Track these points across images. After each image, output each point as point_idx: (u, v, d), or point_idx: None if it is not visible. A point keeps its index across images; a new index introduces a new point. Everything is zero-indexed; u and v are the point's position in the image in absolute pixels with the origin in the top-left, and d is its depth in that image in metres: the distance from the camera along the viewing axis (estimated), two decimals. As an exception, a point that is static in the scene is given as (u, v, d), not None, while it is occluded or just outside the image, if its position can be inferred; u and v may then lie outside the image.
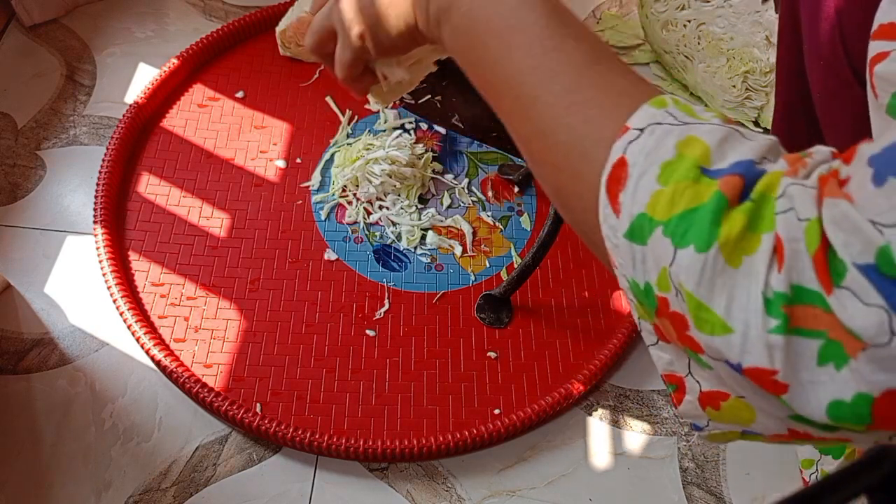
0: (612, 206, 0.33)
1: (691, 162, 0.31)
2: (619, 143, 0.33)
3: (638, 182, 0.32)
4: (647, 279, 0.32)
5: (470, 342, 0.89)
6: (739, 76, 1.06)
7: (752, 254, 0.29)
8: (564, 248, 0.96)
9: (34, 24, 1.13)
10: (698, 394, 0.33)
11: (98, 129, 1.04)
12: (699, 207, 0.30)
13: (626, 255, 0.33)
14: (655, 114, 0.33)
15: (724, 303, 0.29)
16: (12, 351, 0.86)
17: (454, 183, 1.01)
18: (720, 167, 0.30)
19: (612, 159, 0.33)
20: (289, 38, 1.09)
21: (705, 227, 0.29)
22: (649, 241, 0.31)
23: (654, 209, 0.31)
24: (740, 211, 0.29)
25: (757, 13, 1.05)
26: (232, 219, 0.97)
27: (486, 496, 0.80)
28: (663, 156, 0.31)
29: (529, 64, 0.37)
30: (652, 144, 0.32)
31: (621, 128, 0.33)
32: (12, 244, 0.94)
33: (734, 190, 0.30)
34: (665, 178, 0.31)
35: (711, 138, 0.31)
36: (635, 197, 0.32)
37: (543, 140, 0.37)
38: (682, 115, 0.33)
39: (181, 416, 0.83)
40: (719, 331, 0.29)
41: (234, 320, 0.89)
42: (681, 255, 0.30)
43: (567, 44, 0.37)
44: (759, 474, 0.83)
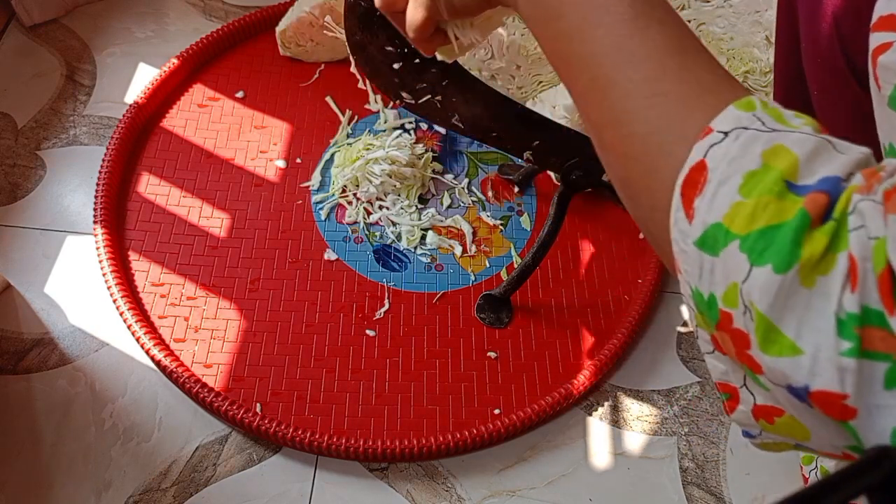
0: (685, 210, 0.31)
1: (777, 174, 0.29)
2: (701, 144, 0.31)
3: (717, 189, 0.30)
4: (712, 290, 0.30)
5: (470, 342, 0.89)
6: (739, 76, 1.06)
7: (827, 274, 0.27)
8: (564, 248, 0.97)
9: (34, 24, 1.13)
10: (752, 405, 0.32)
11: (98, 129, 1.04)
12: (782, 225, 0.28)
13: (693, 263, 0.31)
14: (742, 117, 0.31)
15: (794, 324, 0.28)
16: (12, 351, 0.86)
17: (454, 183, 1.01)
18: (807, 183, 0.29)
19: (691, 161, 0.31)
20: (289, 38, 1.09)
21: (786, 247, 0.28)
22: (722, 253, 0.29)
23: (733, 221, 0.29)
24: (823, 232, 0.28)
25: (757, 13, 1.05)
26: (232, 219, 0.97)
27: (486, 496, 0.80)
28: (748, 165, 0.30)
29: (611, 45, 0.35)
30: (736, 151, 0.30)
31: (704, 128, 0.32)
32: (12, 244, 0.94)
33: (819, 208, 0.28)
34: (748, 189, 0.29)
35: (801, 150, 0.30)
36: (712, 205, 0.30)
37: (618, 128, 0.35)
38: (771, 121, 0.31)
39: (181, 416, 0.83)
40: (787, 352, 0.28)
41: (234, 320, 0.89)
42: (756, 274, 0.28)
43: (653, 28, 0.35)
44: (759, 474, 0.83)
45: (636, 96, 0.34)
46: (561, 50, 0.38)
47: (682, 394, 0.88)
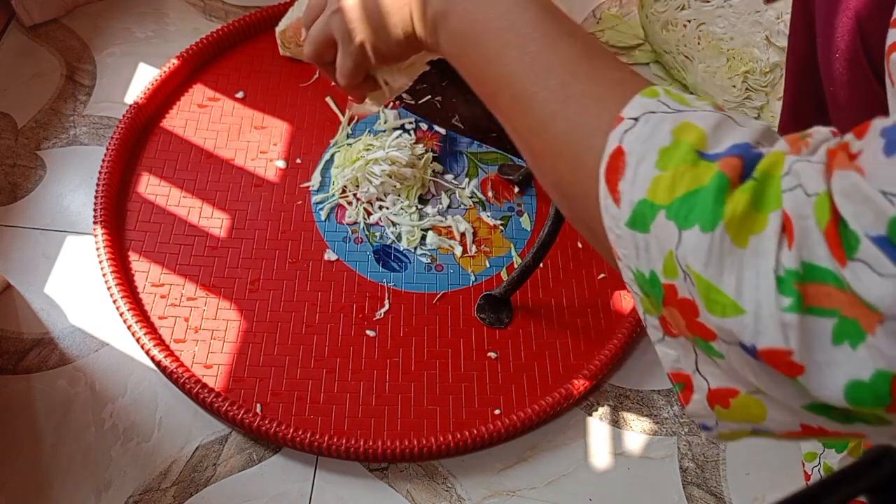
0: (612, 195, 0.33)
1: (688, 146, 0.31)
2: (615, 132, 0.33)
3: (637, 169, 0.32)
4: (651, 267, 0.32)
5: (470, 342, 0.89)
6: (739, 76, 1.06)
7: (759, 233, 0.28)
8: (564, 248, 0.97)
9: (34, 24, 1.13)
10: (706, 392, 0.33)
11: (98, 129, 1.04)
12: (701, 188, 0.30)
13: (629, 245, 0.32)
14: (649, 103, 0.34)
15: (734, 283, 0.29)
16: (12, 351, 0.86)
17: (454, 183, 1.01)
18: (717, 151, 0.31)
19: (609, 149, 0.33)
20: (289, 38, 1.09)
21: (709, 207, 0.29)
22: (652, 226, 0.31)
23: (655, 194, 0.31)
24: (743, 190, 0.29)
25: (757, 13, 1.05)
26: (232, 219, 0.97)
27: (486, 496, 0.80)
28: (660, 142, 0.32)
29: (525, 61, 0.38)
30: (647, 132, 0.32)
31: (616, 118, 0.34)
32: (12, 244, 0.94)
33: (734, 170, 0.30)
34: (664, 162, 0.31)
35: (706, 123, 0.32)
36: (635, 184, 0.32)
37: (541, 133, 0.37)
38: (675, 104, 0.33)
39: (181, 416, 0.83)
40: (731, 312, 0.29)
41: (234, 321, 0.89)
42: (686, 237, 0.30)
43: (562, 40, 0.38)
44: (759, 474, 0.83)
45: (553, 101, 0.37)
46: (482, 75, 0.41)
47: (682, 394, 0.88)
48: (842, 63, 0.54)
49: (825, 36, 0.56)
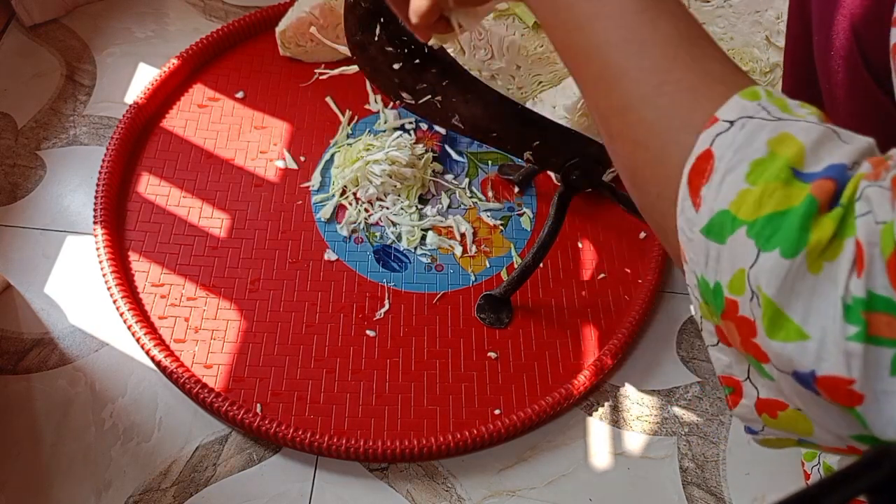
0: (692, 198, 0.31)
1: (784, 162, 0.29)
2: (707, 133, 0.31)
3: (724, 177, 0.30)
4: (718, 279, 0.31)
5: (470, 342, 0.89)
6: (739, 76, 1.06)
7: (833, 260, 0.28)
8: (564, 248, 0.97)
9: (34, 24, 1.13)
10: (755, 399, 0.32)
11: (98, 129, 1.04)
12: (789, 211, 0.28)
13: (699, 251, 0.31)
14: (747, 106, 0.31)
15: (801, 309, 0.28)
16: (12, 351, 0.86)
17: (454, 183, 1.01)
18: (813, 170, 0.29)
19: (698, 150, 0.31)
20: (289, 39, 1.09)
21: (794, 233, 0.28)
22: (729, 239, 0.30)
23: (740, 208, 0.29)
24: (830, 217, 0.28)
25: (757, 13, 1.05)
26: (232, 219, 0.97)
27: (486, 496, 0.80)
28: (754, 153, 0.30)
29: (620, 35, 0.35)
30: (742, 139, 0.30)
31: (710, 117, 0.32)
32: (12, 244, 0.94)
33: (826, 195, 0.28)
34: (754, 176, 0.29)
35: (807, 138, 0.30)
36: (719, 192, 0.30)
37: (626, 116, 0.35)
38: (776, 110, 0.31)
39: (181, 416, 0.83)
40: (794, 337, 0.28)
41: (234, 321, 0.89)
42: (764, 259, 0.28)
43: (662, 19, 0.35)
44: (759, 474, 0.83)
45: (645, 84, 0.34)
46: (569, 40, 0.38)
47: (682, 394, 0.88)
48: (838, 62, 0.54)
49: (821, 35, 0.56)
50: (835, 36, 0.53)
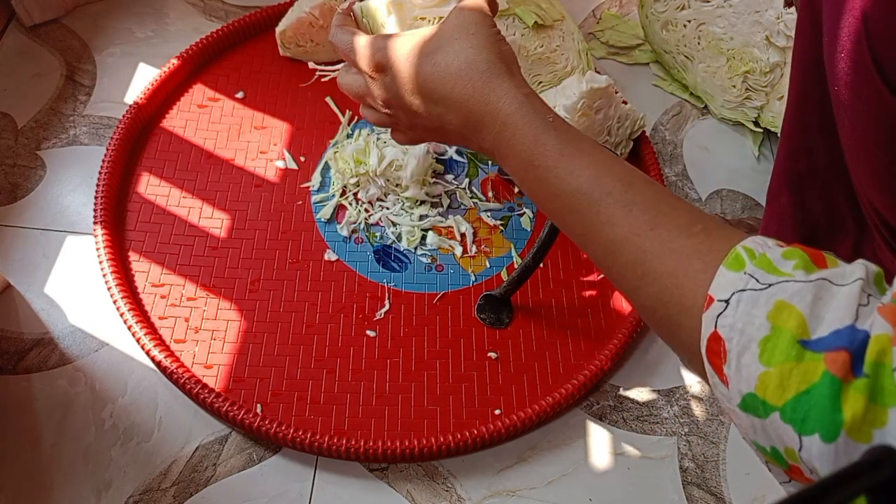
0: (719, 377, 0.32)
1: (789, 337, 0.29)
2: (707, 316, 0.32)
3: (739, 360, 0.31)
4: (772, 445, 0.31)
5: (470, 342, 0.89)
6: (739, 76, 1.06)
7: (882, 428, 0.28)
8: (564, 248, 0.97)
9: (34, 24, 1.13)
10: None
11: (98, 129, 1.04)
12: (812, 391, 0.29)
13: (744, 422, 0.32)
14: (736, 279, 0.32)
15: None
16: (12, 351, 0.86)
17: (454, 183, 1.01)
18: (819, 336, 0.29)
19: (706, 334, 0.32)
20: (289, 39, 1.09)
21: (827, 416, 0.28)
22: (768, 421, 0.30)
23: (765, 392, 0.30)
24: (858, 390, 0.28)
25: (757, 13, 1.05)
26: (232, 219, 0.97)
27: (486, 496, 0.80)
28: (758, 332, 0.30)
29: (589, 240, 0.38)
30: (742, 318, 0.31)
31: (705, 297, 0.32)
32: (12, 244, 0.94)
33: (843, 367, 0.28)
34: (767, 357, 0.30)
35: (802, 302, 0.30)
36: (740, 375, 0.31)
37: (630, 297, 0.37)
38: (764, 275, 0.31)
39: (181, 416, 0.83)
40: None
41: (235, 321, 0.89)
42: (808, 443, 0.29)
43: (616, 215, 0.37)
44: (759, 474, 0.83)
45: (629, 277, 0.36)
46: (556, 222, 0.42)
47: (682, 394, 0.88)
48: (846, 63, 0.54)
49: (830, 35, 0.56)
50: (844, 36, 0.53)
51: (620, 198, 0.37)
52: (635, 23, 1.20)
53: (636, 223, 0.36)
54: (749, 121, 1.09)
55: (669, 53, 1.13)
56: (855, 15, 0.52)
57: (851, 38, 0.53)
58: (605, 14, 1.23)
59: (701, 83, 1.10)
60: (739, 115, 1.09)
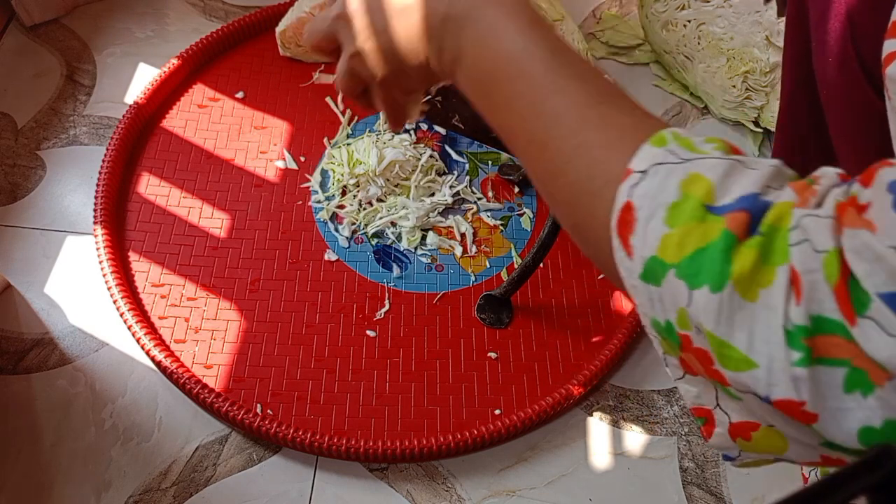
0: (624, 248, 0.33)
1: (696, 201, 0.31)
2: (624, 186, 0.33)
3: (646, 226, 0.32)
4: (666, 317, 0.32)
5: (470, 342, 0.89)
6: (739, 76, 1.06)
7: (767, 286, 0.29)
8: (564, 248, 0.97)
9: (34, 24, 1.13)
10: (728, 426, 0.33)
11: (98, 129, 1.04)
12: (708, 247, 0.30)
13: (643, 296, 0.33)
14: (656, 153, 0.33)
15: (745, 338, 0.29)
16: (12, 351, 0.86)
17: (454, 183, 1.01)
18: (725, 202, 0.30)
19: (619, 204, 0.33)
20: (289, 39, 1.09)
21: (716, 267, 0.29)
22: (663, 283, 0.31)
23: (665, 252, 0.31)
24: (750, 246, 0.29)
25: (757, 13, 1.05)
26: (232, 219, 0.97)
27: (486, 496, 0.80)
28: (668, 197, 0.32)
29: (534, 110, 0.38)
30: (655, 186, 0.32)
31: (625, 170, 0.33)
32: (12, 244, 0.94)
33: (741, 226, 0.30)
34: (672, 220, 0.31)
35: (714, 174, 0.31)
36: (645, 241, 0.32)
37: (556, 180, 0.37)
38: (683, 152, 0.33)
39: (181, 416, 0.83)
40: (743, 366, 0.29)
41: (235, 321, 0.89)
42: (696, 297, 0.30)
43: (569, 85, 0.38)
44: (759, 474, 0.83)
45: (564, 150, 0.37)
46: (497, 120, 0.42)
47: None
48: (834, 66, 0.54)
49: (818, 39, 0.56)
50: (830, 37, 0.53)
51: (578, 72, 0.38)
52: (635, 23, 1.20)
53: (585, 95, 0.37)
54: (749, 121, 1.09)
55: (669, 53, 1.13)
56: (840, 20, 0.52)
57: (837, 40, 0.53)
58: (605, 14, 1.23)
59: (701, 83, 1.10)
60: (739, 115, 1.09)
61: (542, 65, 0.38)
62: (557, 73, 0.38)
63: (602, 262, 0.36)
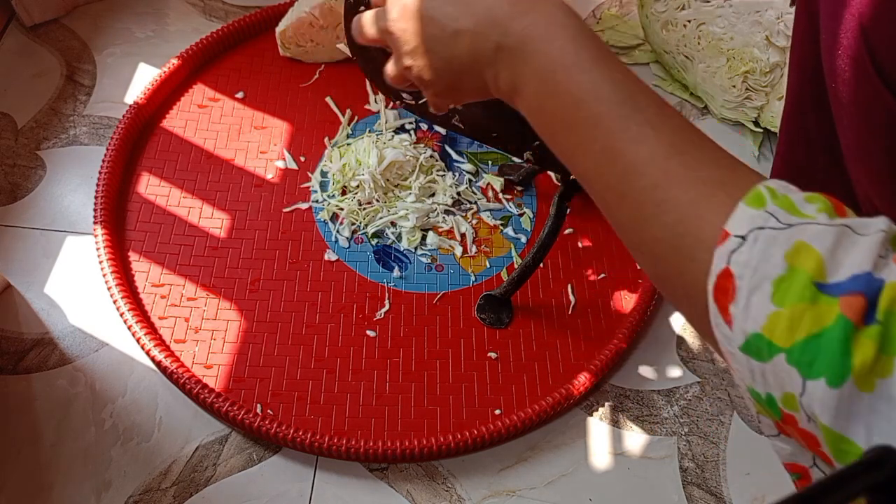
0: (723, 316, 0.31)
1: (806, 278, 0.28)
2: (721, 251, 0.31)
3: (749, 299, 0.29)
4: (769, 392, 0.30)
5: (470, 343, 0.89)
6: (739, 76, 1.06)
7: (887, 377, 0.27)
8: (564, 248, 0.97)
9: (34, 24, 1.13)
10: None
11: (98, 129, 1.04)
12: (823, 334, 0.28)
13: (743, 366, 0.31)
14: (755, 216, 0.30)
15: (863, 433, 0.28)
16: (12, 351, 0.86)
17: (454, 183, 1.01)
18: (837, 280, 0.28)
19: (716, 270, 0.31)
20: (289, 39, 1.09)
21: (836, 359, 0.27)
22: (771, 363, 0.29)
23: (773, 333, 0.29)
24: (869, 337, 0.27)
25: (757, 13, 1.05)
26: (232, 219, 0.97)
27: (486, 496, 0.80)
28: (773, 270, 0.29)
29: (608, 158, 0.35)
30: (758, 256, 0.30)
31: (720, 232, 0.31)
32: (12, 244, 0.94)
33: (858, 312, 0.28)
34: (780, 298, 0.29)
35: (822, 245, 0.29)
36: (748, 314, 0.29)
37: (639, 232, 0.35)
38: (785, 215, 0.30)
39: (181, 416, 0.83)
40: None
41: (235, 321, 0.89)
42: (812, 388, 0.28)
43: (645, 133, 0.34)
44: (759, 474, 0.83)
45: (646, 203, 0.34)
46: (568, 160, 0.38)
47: (682, 394, 0.88)
48: (844, 60, 0.54)
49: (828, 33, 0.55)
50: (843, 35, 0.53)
51: (652, 117, 0.35)
52: (635, 23, 1.20)
53: (664, 145, 0.34)
54: (749, 121, 1.09)
55: (669, 53, 1.13)
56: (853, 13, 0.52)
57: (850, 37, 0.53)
58: (605, 14, 1.23)
59: (701, 83, 1.10)
60: (739, 115, 1.09)
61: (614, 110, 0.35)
62: (632, 119, 0.35)
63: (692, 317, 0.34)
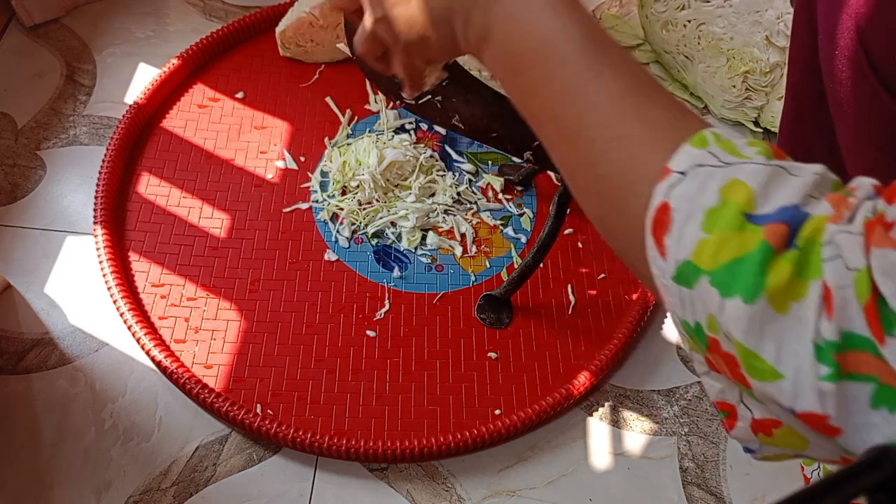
0: (658, 248, 0.32)
1: (736, 208, 0.30)
2: (662, 186, 0.32)
3: (682, 228, 0.31)
4: (696, 319, 0.32)
5: (470, 343, 0.89)
6: (739, 76, 1.06)
7: (800, 300, 0.29)
8: (564, 248, 0.96)
9: (34, 24, 1.13)
10: (750, 420, 0.33)
11: (98, 129, 1.04)
12: (745, 257, 0.29)
13: (674, 296, 0.32)
14: (697, 154, 0.32)
15: (773, 350, 0.29)
16: (12, 351, 0.86)
17: (454, 183, 1.01)
18: (765, 212, 0.30)
19: (655, 203, 0.32)
20: (289, 39, 1.09)
21: (751, 278, 0.29)
22: (696, 287, 0.31)
23: (700, 258, 0.31)
24: (787, 259, 0.29)
25: (757, 13, 1.05)
26: (232, 219, 0.97)
27: (486, 496, 0.80)
28: (707, 202, 0.31)
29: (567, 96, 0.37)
30: (694, 189, 0.31)
31: (663, 168, 0.33)
32: (12, 244, 0.94)
33: (780, 238, 0.29)
34: (710, 225, 0.30)
35: (755, 181, 0.31)
36: (680, 243, 0.31)
37: (587, 171, 0.36)
38: (724, 155, 0.32)
39: (181, 416, 0.83)
40: (769, 377, 0.29)
41: (235, 321, 0.89)
42: (728, 306, 0.30)
43: (605, 74, 0.36)
44: (759, 474, 0.83)
45: (598, 140, 0.35)
46: (527, 104, 0.40)
47: (682, 394, 0.88)
48: (842, 61, 0.54)
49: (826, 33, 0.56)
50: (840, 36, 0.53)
51: (615, 59, 0.37)
52: (635, 23, 1.20)
53: (622, 85, 0.36)
54: (749, 121, 1.09)
55: (669, 53, 1.13)
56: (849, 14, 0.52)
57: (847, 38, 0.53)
58: (605, 14, 1.23)
59: (701, 83, 1.10)
60: (739, 115, 1.09)
61: (578, 49, 0.37)
62: (594, 59, 0.36)
63: (629, 256, 0.36)
